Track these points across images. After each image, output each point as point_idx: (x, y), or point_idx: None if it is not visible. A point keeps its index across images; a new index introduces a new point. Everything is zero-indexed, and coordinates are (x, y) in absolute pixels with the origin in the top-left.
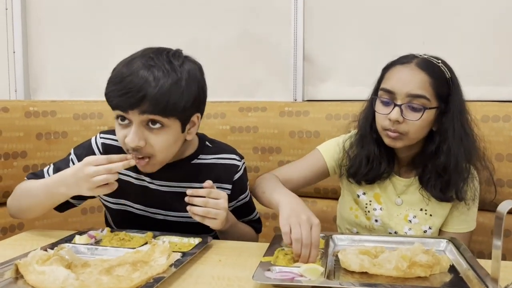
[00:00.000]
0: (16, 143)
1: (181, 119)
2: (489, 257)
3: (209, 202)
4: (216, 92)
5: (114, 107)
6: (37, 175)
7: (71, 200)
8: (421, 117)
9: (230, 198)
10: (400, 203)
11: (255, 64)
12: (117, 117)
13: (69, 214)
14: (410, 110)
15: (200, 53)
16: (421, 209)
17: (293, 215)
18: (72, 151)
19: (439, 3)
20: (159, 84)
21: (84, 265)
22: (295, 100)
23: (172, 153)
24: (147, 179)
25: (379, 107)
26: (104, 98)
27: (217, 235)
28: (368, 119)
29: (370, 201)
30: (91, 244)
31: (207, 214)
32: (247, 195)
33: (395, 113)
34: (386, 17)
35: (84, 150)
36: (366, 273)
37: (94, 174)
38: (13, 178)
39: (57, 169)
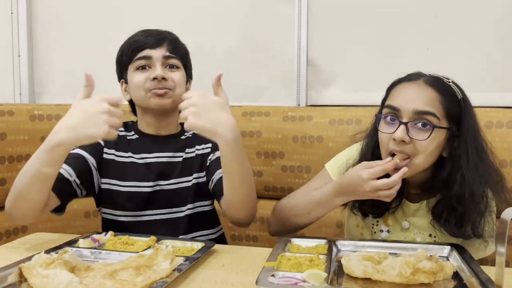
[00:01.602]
0: (20, 146)
1: (185, 68)
2: (492, 264)
3: (183, 104)
4: None
5: (140, 48)
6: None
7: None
8: (429, 136)
9: (209, 154)
10: (407, 226)
11: (259, 69)
12: (137, 68)
13: (72, 217)
14: (417, 129)
15: (204, 59)
16: (430, 235)
17: (352, 191)
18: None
19: (443, 9)
20: (172, 34)
21: (88, 269)
22: (299, 105)
23: (181, 95)
24: (146, 155)
25: (382, 127)
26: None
27: (219, 237)
28: (370, 145)
29: (378, 221)
30: (95, 248)
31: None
32: None
33: (400, 132)
34: (390, 22)
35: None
36: (369, 279)
37: (109, 113)
38: None
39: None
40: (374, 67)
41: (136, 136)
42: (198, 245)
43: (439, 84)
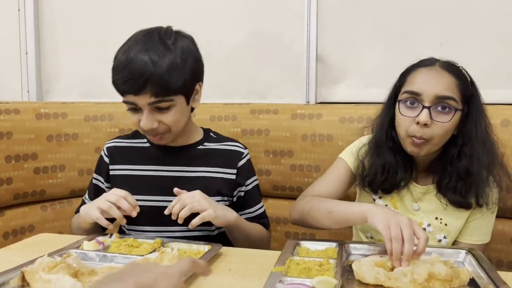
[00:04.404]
0: (26, 145)
1: (185, 93)
2: (508, 266)
3: (185, 200)
4: (228, 94)
5: (122, 93)
6: (81, 205)
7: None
8: (451, 119)
9: (237, 184)
10: (417, 208)
11: (268, 65)
12: (128, 108)
13: None
14: (438, 113)
15: (212, 54)
16: (436, 218)
17: (391, 217)
18: (94, 171)
19: (457, 3)
20: (157, 67)
21: (91, 273)
22: (308, 102)
23: (184, 123)
24: (157, 167)
25: (404, 111)
26: (115, 100)
27: (220, 235)
28: (383, 127)
29: (386, 205)
30: (99, 251)
31: (191, 210)
32: (255, 180)
33: (424, 116)
34: (402, 17)
35: (98, 164)
36: (381, 285)
37: (110, 198)
38: (23, 180)
39: (88, 191)
40: (385, 64)
41: (148, 145)
42: (205, 248)
43: (454, 69)
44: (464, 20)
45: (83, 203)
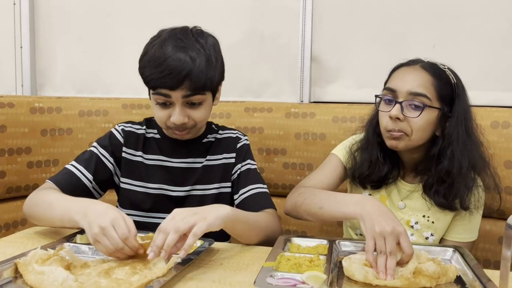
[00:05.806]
0: (20, 138)
1: (213, 91)
2: (495, 266)
3: (166, 229)
4: (223, 92)
5: (156, 87)
6: (59, 174)
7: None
8: (420, 114)
9: (234, 165)
10: (403, 206)
11: (262, 64)
12: (157, 102)
13: None
14: (410, 108)
15: None
16: (423, 216)
17: (379, 222)
18: (95, 142)
19: (450, 6)
20: (196, 64)
21: (84, 266)
22: (302, 101)
23: (206, 121)
24: (166, 158)
25: (382, 106)
26: (109, 95)
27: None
28: (372, 123)
29: None
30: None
31: (179, 233)
32: (253, 164)
33: (395, 110)
34: (396, 18)
35: (107, 139)
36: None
37: (108, 235)
38: (17, 174)
39: (82, 160)
40: (379, 64)
41: (158, 136)
42: (197, 243)
43: (434, 69)
44: (457, 22)
45: (65, 170)
